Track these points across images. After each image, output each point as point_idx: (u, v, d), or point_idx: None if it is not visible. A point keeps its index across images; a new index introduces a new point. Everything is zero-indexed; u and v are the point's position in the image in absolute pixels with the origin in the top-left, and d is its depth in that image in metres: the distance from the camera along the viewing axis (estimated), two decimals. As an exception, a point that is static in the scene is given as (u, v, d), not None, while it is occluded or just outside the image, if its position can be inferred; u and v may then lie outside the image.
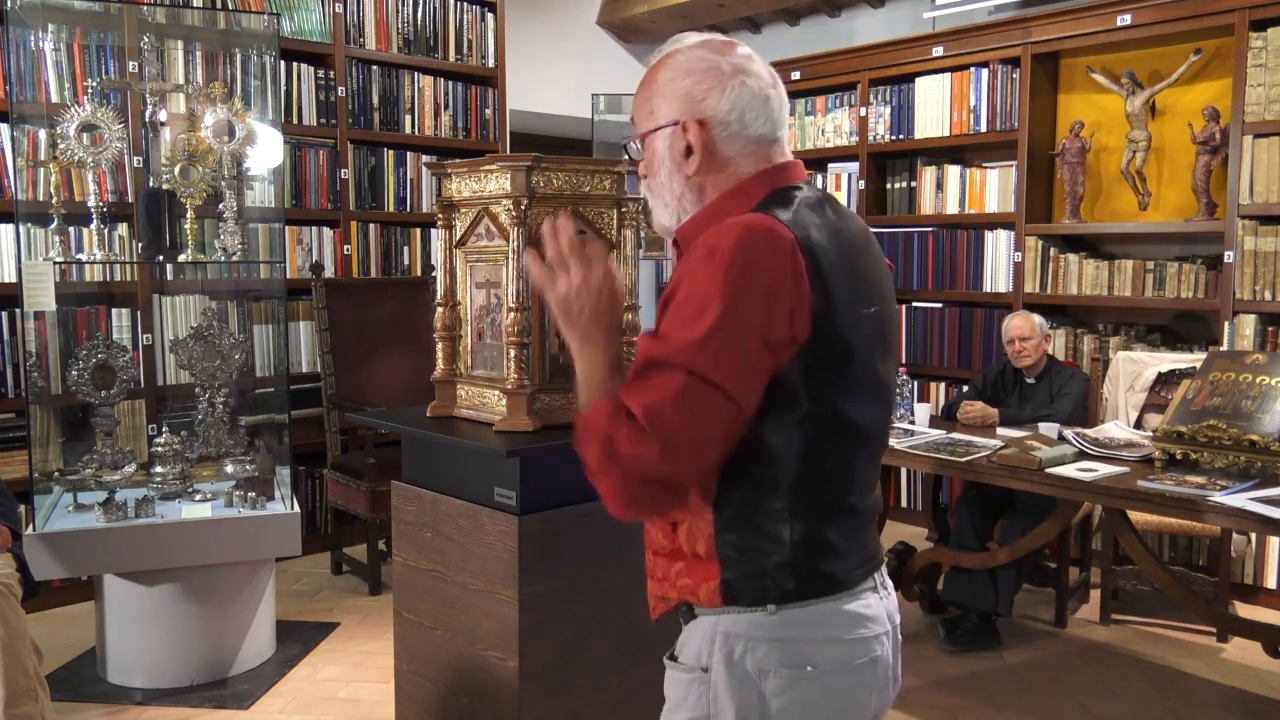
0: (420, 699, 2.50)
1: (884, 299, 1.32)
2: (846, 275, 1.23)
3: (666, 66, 1.34)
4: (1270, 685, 3.34)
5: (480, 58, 5.23)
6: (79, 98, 3.60)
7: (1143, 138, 4.45)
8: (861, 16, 5.86)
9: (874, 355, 1.27)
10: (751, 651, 1.25)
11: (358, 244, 4.80)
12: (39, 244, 3.41)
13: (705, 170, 1.32)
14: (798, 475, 1.23)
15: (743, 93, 1.31)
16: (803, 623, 1.25)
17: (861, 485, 1.30)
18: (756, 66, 1.33)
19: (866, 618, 1.29)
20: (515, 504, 2.19)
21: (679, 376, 1.14)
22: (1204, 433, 2.90)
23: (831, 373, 1.22)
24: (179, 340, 3.53)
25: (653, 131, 1.35)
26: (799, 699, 1.24)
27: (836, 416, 1.23)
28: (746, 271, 1.15)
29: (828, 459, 1.25)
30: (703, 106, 1.31)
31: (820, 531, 1.25)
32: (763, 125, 1.32)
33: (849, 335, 1.23)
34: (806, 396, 1.21)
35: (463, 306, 2.42)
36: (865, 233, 1.35)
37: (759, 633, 1.24)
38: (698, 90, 1.31)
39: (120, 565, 3.17)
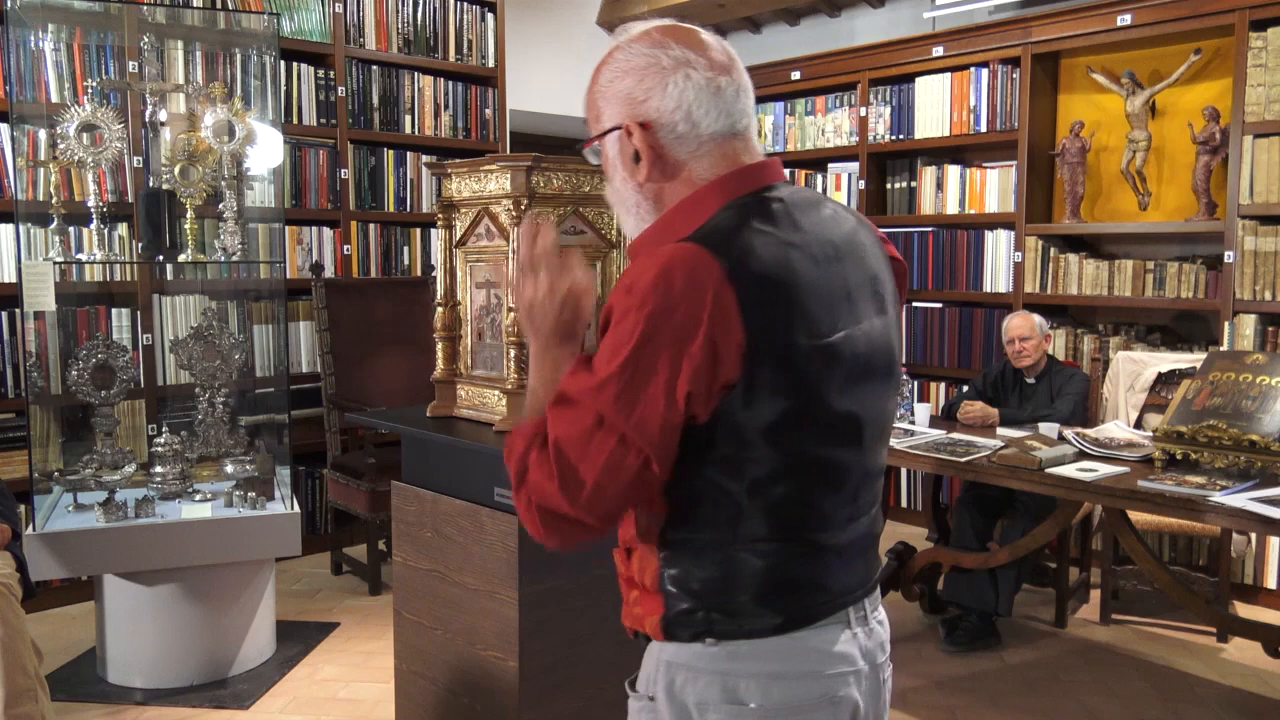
0: (420, 699, 2.50)
1: (862, 316, 1.18)
2: (802, 301, 1.11)
3: (608, 65, 1.24)
4: (1270, 685, 3.34)
5: (480, 58, 5.22)
6: (79, 98, 3.59)
7: (1143, 138, 4.45)
8: (861, 16, 5.86)
9: (839, 385, 1.14)
10: (692, 683, 1.18)
11: (358, 244, 4.80)
12: (39, 244, 3.41)
13: (658, 177, 1.21)
14: (746, 513, 1.14)
15: (687, 87, 1.17)
16: (744, 656, 1.16)
17: (828, 521, 1.19)
18: (706, 54, 1.19)
19: (825, 654, 1.19)
20: (515, 504, 2.19)
21: (588, 415, 1.08)
22: (1204, 433, 2.90)
23: (778, 410, 1.10)
24: (179, 340, 3.53)
25: (600, 137, 1.26)
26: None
27: (790, 454, 1.13)
28: (658, 316, 1.06)
29: (780, 497, 1.14)
30: (644, 108, 1.19)
31: (771, 569, 1.16)
32: (716, 121, 1.20)
33: (801, 368, 1.11)
34: (752, 434, 1.10)
35: (463, 306, 2.42)
36: (849, 238, 1.22)
37: (700, 664, 1.18)
38: (638, 90, 1.20)
39: (120, 565, 3.17)
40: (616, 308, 1.10)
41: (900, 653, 3.59)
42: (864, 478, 1.23)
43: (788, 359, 1.10)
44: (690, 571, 1.18)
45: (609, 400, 1.08)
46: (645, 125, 1.20)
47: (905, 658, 3.56)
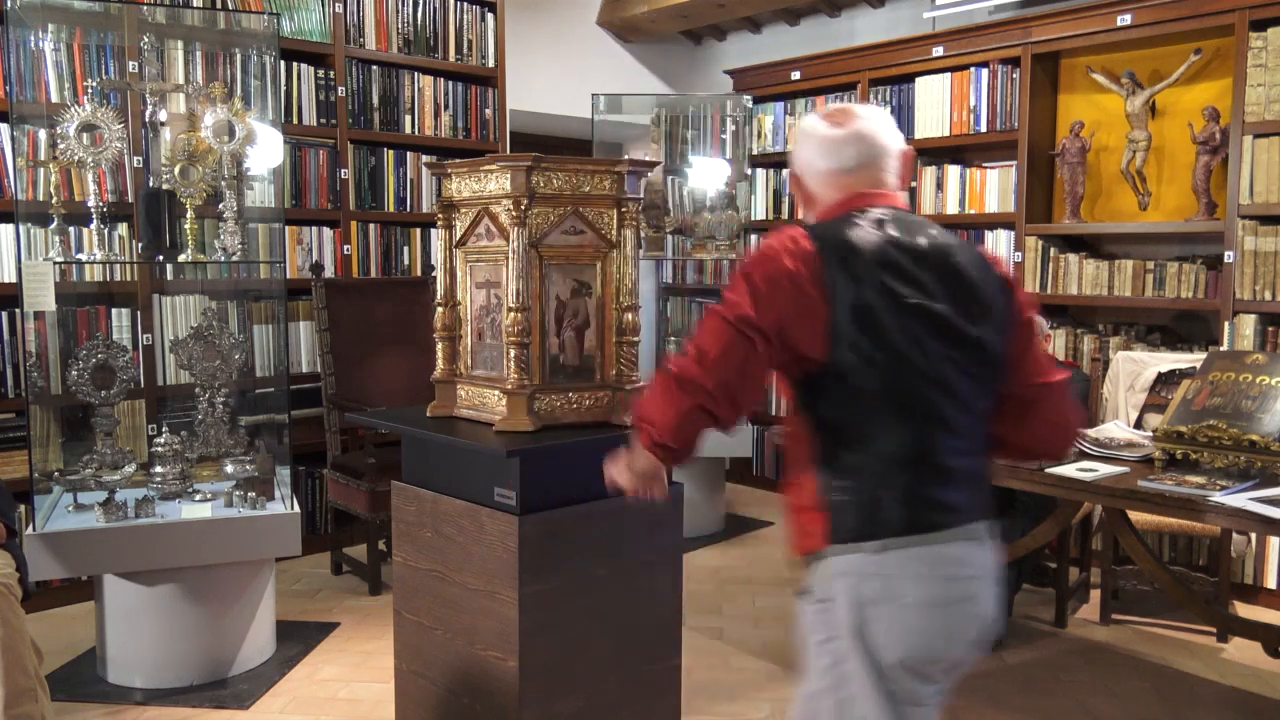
0: (420, 699, 2.50)
1: (937, 296, 1.59)
2: (883, 272, 1.57)
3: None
4: (1270, 685, 3.34)
5: (480, 58, 5.22)
6: (79, 98, 3.59)
7: (1143, 138, 4.45)
8: (861, 16, 5.85)
9: (919, 339, 1.57)
10: (861, 584, 1.56)
11: (358, 244, 4.80)
12: (39, 244, 3.41)
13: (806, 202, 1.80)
14: (872, 439, 1.57)
15: (808, 146, 1.75)
16: (899, 562, 1.55)
17: (939, 448, 1.58)
18: (825, 120, 1.74)
19: (960, 560, 1.57)
20: (515, 504, 2.19)
21: (715, 319, 1.57)
22: (1204, 433, 2.90)
23: (853, 358, 1.55)
24: (179, 340, 3.53)
25: (795, 177, 1.82)
26: (895, 624, 1.55)
27: (886, 391, 1.56)
28: (763, 261, 1.58)
29: (892, 426, 1.56)
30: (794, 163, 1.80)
31: (905, 487, 1.56)
32: (829, 161, 1.72)
33: (870, 323, 1.55)
34: (857, 378, 1.56)
35: (463, 306, 2.43)
36: (930, 244, 1.64)
37: (866, 568, 1.56)
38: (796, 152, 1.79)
39: (120, 565, 3.17)
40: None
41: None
42: (964, 414, 1.62)
43: (877, 311, 1.57)
44: (846, 490, 1.58)
45: (736, 310, 1.57)
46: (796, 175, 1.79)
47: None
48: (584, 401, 2.33)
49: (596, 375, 2.34)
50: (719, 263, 5.64)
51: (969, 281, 1.63)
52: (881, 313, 1.55)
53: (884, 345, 1.55)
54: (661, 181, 5.09)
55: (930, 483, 1.57)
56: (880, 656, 1.56)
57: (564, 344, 2.31)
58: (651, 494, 1.76)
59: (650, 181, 4.80)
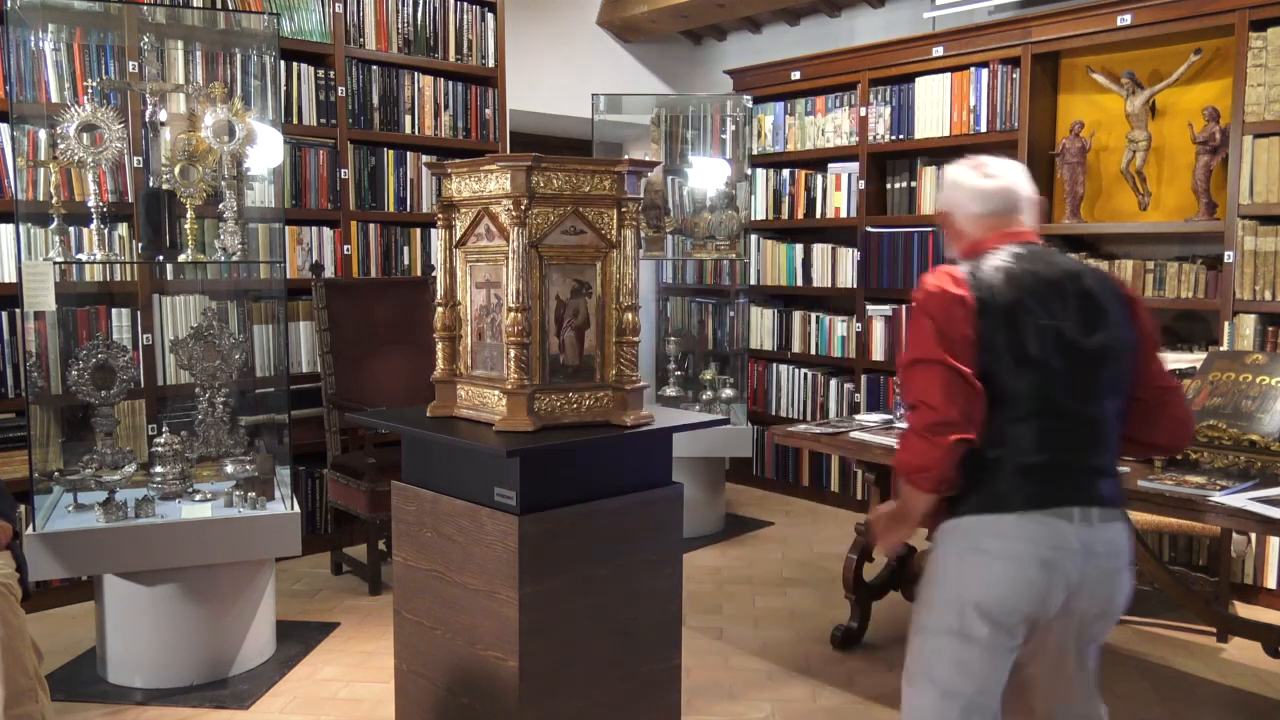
0: (420, 699, 2.50)
1: (1067, 316, 1.93)
2: (1022, 299, 1.91)
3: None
4: (1270, 685, 3.34)
5: (480, 58, 5.22)
6: (79, 98, 3.59)
7: (1143, 138, 4.45)
8: (861, 16, 5.85)
9: (1044, 355, 1.90)
10: (954, 539, 1.98)
11: (358, 244, 4.80)
12: (39, 244, 3.41)
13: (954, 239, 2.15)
14: (1008, 436, 1.91)
15: (958, 191, 2.12)
16: (980, 526, 1.93)
17: (1041, 446, 1.90)
18: (976, 172, 2.11)
19: (1037, 533, 1.89)
20: (515, 504, 2.19)
21: (917, 368, 1.92)
22: (1204, 433, 2.89)
23: (999, 370, 1.89)
24: (179, 340, 3.53)
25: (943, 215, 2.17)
26: (977, 572, 1.93)
27: (1022, 397, 1.90)
28: (930, 300, 1.94)
29: (1001, 427, 1.90)
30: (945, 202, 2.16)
31: (1028, 474, 1.90)
32: (977, 206, 2.08)
33: (1014, 341, 1.89)
34: (1000, 386, 1.89)
35: (463, 306, 2.42)
36: (1061, 272, 1.97)
37: (960, 527, 1.97)
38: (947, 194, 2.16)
39: (120, 565, 3.17)
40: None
41: (900, 653, 3.58)
42: (1077, 420, 1.93)
43: (1010, 332, 1.91)
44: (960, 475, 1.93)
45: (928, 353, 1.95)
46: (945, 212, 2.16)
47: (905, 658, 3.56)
48: (584, 401, 2.33)
49: (596, 375, 2.34)
50: (719, 263, 5.64)
51: (1096, 302, 1.96)
52: (1021, 334, 1.90)
53: (1024, 360, 1.89)
54: (661, 181, 5.09)
55: (1049, 472, 1.91)
56: (967, 596, 1.94)
57: (564, 344, 2.31)
58: (900, 539, 2.18)
59: (650, 181, 4.80)
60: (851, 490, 5.55)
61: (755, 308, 5.98)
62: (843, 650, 3.61)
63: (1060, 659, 2.05)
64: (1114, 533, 1.96)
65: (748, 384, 5.61)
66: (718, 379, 5.29)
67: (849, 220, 5.54)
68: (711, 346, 5.81)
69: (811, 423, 3.99)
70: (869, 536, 2.19)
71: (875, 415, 4.01)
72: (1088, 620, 1.98)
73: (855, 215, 5.50)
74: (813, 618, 3.93)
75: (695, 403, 5.17)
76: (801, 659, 3.54)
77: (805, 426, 3.82)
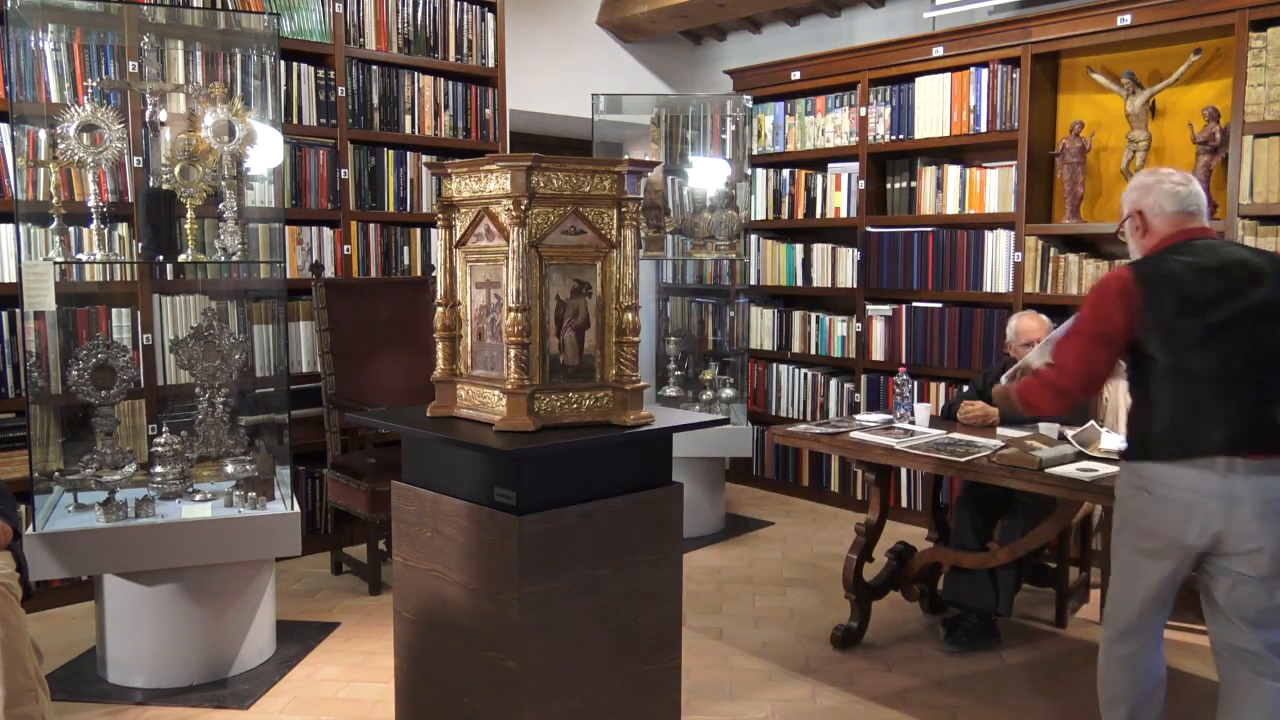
0: (420, 699, 2.50)
1: (1223, 301, 2.29)
2: (1180, 290, 2.32)
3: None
4: (1270, 685, 3.33)
5: (480, 58, 5.22)
6: (79, 98, 3.59)
7: (1143, 138, 4.45)
8: (861, 16, 5.85)
9: (1203, 332, 2.29)
10: (1130, 480, 2.43)
11: (358, 244, 4.80)
12: (39, 244, 3.41)
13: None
14: (1144, 400, 2.39)
15: (1159, 192, 2.49)
16: (1144, 470, 2.37)
17: (1193, 409, 2.30)
18: (1169, 178, 2.49)
19: (1186, 479, 2.29)
20: (515, 504, 2.19)
21: (1073, 338, 2.49)
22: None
23: (1161, 344, 2.32)
24: (179, 340, 3.53)
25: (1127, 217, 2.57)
26: (1140, 508, 2.39)
27: (1172, 370, 2.33)
28: (1102, 288, 2.43)
29: (1161, 392, 2.34)
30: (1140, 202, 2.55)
31: (1156, 430, 2.35)
32: (1176, 206, 2.46)
33: (1176, 325, 2.30)
34: (1149, 357, 2.36)
35: (463, 306, 2.43)
36: (1232, 259, 2.35)
37: (1130, 469, 2.43)
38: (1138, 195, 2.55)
39: (120, 565, 3.17)
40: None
41: (900, 652, 3.60)
42: (1224, 387, 2.30)
43: (1173, 317, 2.32)
44: (1129, 428, 2.48)
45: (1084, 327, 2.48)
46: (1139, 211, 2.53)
47: (905, 657, 3.56)
48: (584, 401, 2.33)
49: (596, 375, 2.34)
50: (719, 263, 5.64)
51: (1259, 278, 2.30)
52: (1176, 317, 2.30)
53: (1178, 332, 2.31)
54: (661, 181, 5.09)
55: (1191, 427, 2.29)
56: (1138, 525, 2.41)
57: (564, 344, 2.31)
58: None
59: (650, 181, 4.80)
60: (851, 490, 5.55)
61: (755, 308, 5.98)
62: (843, 650, 3.61)
63: (1208, 591, 2.40)
64: (1263, 482, 2.26)
65: (748, 384, 5.61)
66: (718, 379, 5.29)
67: (849, 220, 5.54)
68: (711, 346, 5.81)
69: (811, 423, 3.99)
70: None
71: (875, 415, 4.01)
72: (1231, 557, 2.31)
73: (855, 215, 5.50)
74: (813, 618, 3.93)
75: (695, 403, 5.17)
76: (801, 659, 3.54)
77: (805, 426, 3.82)
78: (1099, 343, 2.40)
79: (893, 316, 5.34)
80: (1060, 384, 2.45)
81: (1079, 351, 2.43)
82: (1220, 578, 2.34)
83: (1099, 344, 2.40)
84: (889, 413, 4.01)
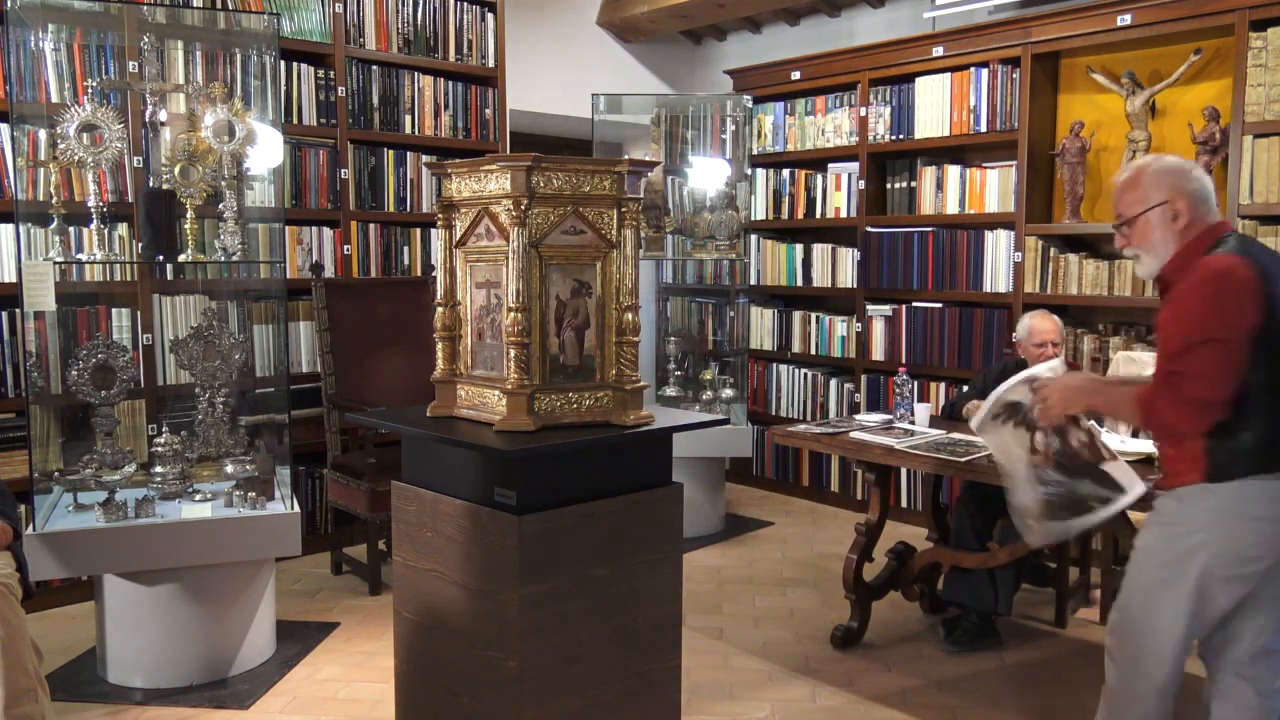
0: (420, 699, 2.50)
1: None
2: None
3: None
4: (1270, 685, 3.33)
5: (480, 58, 5.22)
6: (79, 98, 3.59)
7: (1143, 138, 4.45)
8: (861, 16, 5.85)
9: None
10: (1213, 504, 2.17)
11: (358, 244, 4.80)
12: (39, 244, 3.41)
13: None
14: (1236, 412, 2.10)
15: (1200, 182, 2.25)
16: (1241, 490, 2.14)
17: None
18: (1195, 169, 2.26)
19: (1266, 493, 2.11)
20: (515, 504, 2.19)
21: (1209, 348, 2.08)
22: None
23: (1270, 346, 2.08)
24: (179, 340, 3.53)
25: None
26: (1233, 530, 2.15)
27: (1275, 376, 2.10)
28: (1222, 283, 2.11)
29: (1260, 402, 2.09)
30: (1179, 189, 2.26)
31: (1249, 444, 2.12)
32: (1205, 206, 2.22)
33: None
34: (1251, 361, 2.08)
35: (463, 306, 2.42)
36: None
37: (1213, 491, 2.16)
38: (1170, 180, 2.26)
39: (120, 565, 3.17)
40: (1193, 295, 2.14)
41: (900, 652, 3.60)
42: None
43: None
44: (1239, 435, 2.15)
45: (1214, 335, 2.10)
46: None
47: (905, 657, 3.56)
48: (584, 401, 2.33)
49: (596, 375, 2.34)
50: (719, 263, 5.64)
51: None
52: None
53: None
54: (661, 181, 5.09)
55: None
56: (1226, 551, 2.15)
57: (564, 344, 2.31)
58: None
59: (650, 181, 4.80)
60: (851, 490, 5.54)
61: (755, 308, 5.98)
62: (843, 650, 3.61)
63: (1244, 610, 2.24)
64: None
65: (748, 384, 5.61)
66: (718, 379, 5.29)
67: (849, 220, 5.54)
68: (711, 346, 5.81)
69: (811, 423, 3.99)
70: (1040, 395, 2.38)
71: (875, 415, 4.01)
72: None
73: (855, 215, 5.50)
74: (813, 618, 3.93)
75: (695, 403, 5.17)
76: (801, 659, 3.54)
77: (805, 426, 3.82)
78: (1238, 346, 2.06)
79: (893, 316, 5.34)
80: (1208, 398, 2.08)
81: (1218, 358, 2.06)
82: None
83: (1238, 347, 2.06)
84: (889, 413, 4.01)
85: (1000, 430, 2.60)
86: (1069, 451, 2.49)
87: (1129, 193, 2.25)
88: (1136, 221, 2.24)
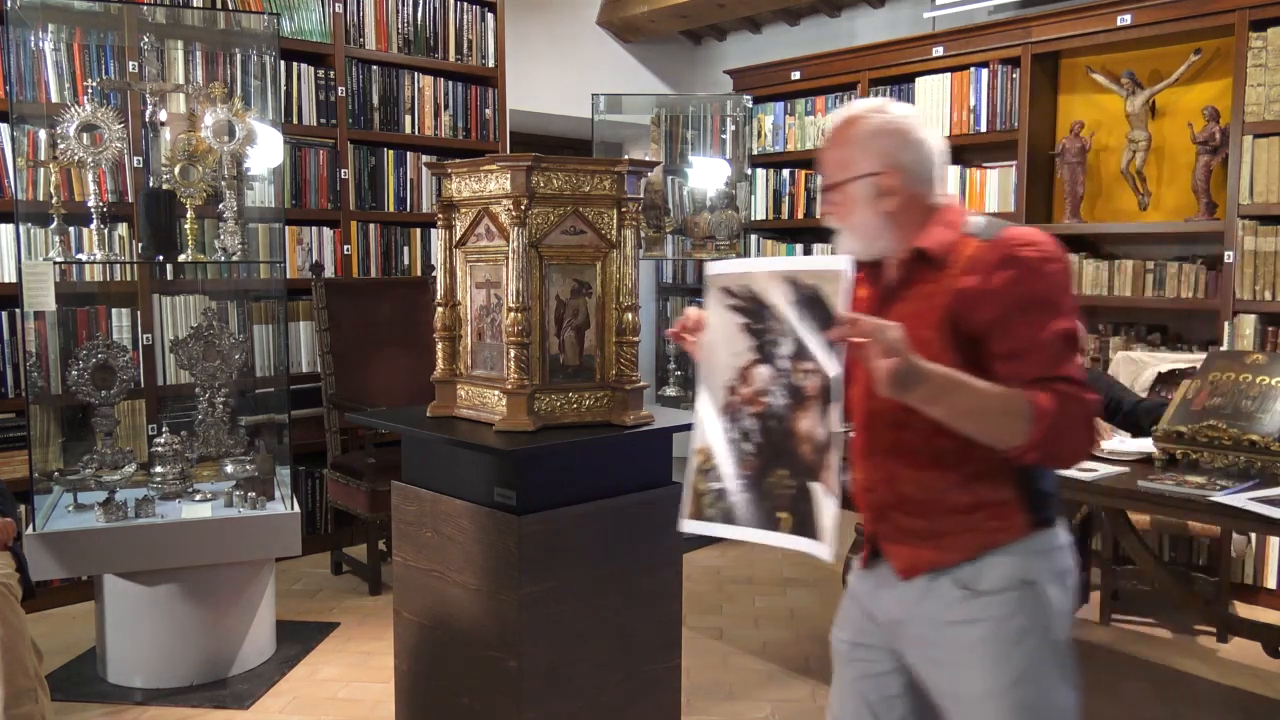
0: (420, 699, 2.50)
1: None
2: None
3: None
4: (1270, 685, 3.34)
5: (480, 58, 5.22)
6: (79, 98, 3.59)
7: (1143, 138, 4.45)
8: (861, 16, 5.85)
9: None
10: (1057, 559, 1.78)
11: (358, 244, 4.80)
12: (39, 244, 3.41)
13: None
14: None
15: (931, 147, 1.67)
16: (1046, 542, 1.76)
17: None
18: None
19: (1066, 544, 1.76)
20: (515, 504, 2.19)
21: (1073, 343, 1.54)
22: (1204, 433, 2.89)
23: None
24: (179, 340, 3.53)
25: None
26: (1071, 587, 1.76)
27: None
28: (1064, 262, 1.57)
29: None
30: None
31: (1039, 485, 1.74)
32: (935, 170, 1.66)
33: None
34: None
35: (463, 306, 2.42)
36: None
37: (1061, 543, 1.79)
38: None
39: (120, 565, 3.17)
40: (1044, 282, 1.54)
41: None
42: None
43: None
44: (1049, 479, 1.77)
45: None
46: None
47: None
48: (584, 401, 2.33)
49: (596, 375, 2.34)
50: (719, 263, 5.63)
51: None
52: None
53: None
54: (661, 181, 5.09)
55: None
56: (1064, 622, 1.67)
57: (564, 344, 2.31)
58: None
59: (650, 181, 4.79)
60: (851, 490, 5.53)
61: (755, 308, 5.97)
62: (843, 650, 3.61)
63: None
64: None
65: (748, 384, 5.59)
66: (718, 379, 5.28)
67: (849, 220, 5.53)
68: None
69: (811, 423, 3.98)
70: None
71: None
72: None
73: (855, 215, 5.49)
74: (813, 618, 3.93)
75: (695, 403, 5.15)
76: (801, 659, 3.54)
77: (805, 426, 3.81)
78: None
79: (893, 316, 5.33)
80: (1095, 403, 1.63)
81: (1077, 351, 1.66)
82: None
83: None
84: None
85: (725, 316, 1.66)
86: (784, 429, 1.61)
87: (836, 150, 1.66)
88: (843, 189, 1.64)
